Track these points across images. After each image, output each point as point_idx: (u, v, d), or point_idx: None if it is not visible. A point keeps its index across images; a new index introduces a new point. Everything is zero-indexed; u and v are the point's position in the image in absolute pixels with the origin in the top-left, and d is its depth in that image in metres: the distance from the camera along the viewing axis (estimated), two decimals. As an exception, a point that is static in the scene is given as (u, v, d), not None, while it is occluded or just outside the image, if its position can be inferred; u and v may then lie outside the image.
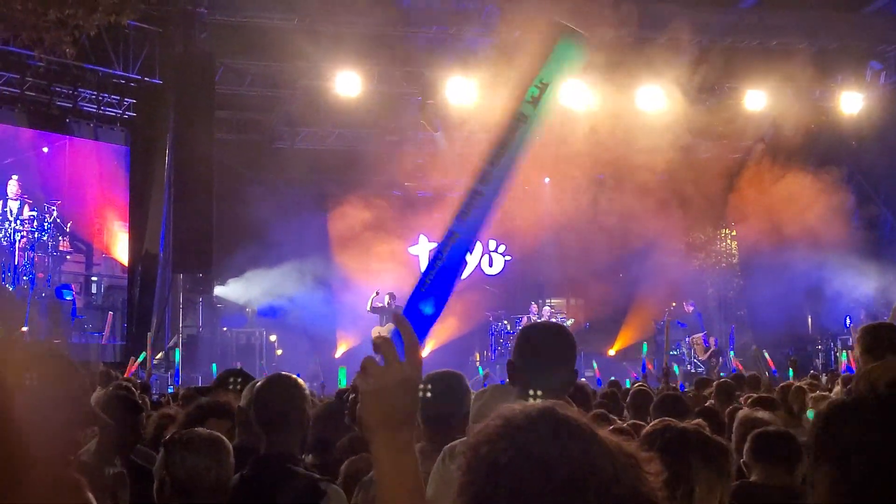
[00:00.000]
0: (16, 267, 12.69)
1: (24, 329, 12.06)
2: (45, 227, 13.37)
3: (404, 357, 1.96)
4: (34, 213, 13.11)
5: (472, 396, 4.26)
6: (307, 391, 4.55)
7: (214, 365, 16.07)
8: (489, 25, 21.21)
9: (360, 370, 1.97)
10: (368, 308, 21.64)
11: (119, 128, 21.06)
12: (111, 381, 9.49)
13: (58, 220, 13.45)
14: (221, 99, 20.88)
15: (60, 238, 13.41)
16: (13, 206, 12.82)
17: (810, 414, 6.13)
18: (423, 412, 4.22)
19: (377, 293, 21.68)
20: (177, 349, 15.51)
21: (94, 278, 13.54)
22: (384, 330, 22.50)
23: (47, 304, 12.68)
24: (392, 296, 21.58)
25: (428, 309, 2.09)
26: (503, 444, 1.73)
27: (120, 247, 13.47)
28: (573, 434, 1.72)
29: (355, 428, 5.55)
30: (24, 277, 12.96)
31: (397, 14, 19.50)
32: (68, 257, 13.28)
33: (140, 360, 11.90)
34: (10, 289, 12.69)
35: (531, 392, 2.39)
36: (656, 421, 3.21)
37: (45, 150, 13.26)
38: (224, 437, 3.82)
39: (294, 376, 4.62)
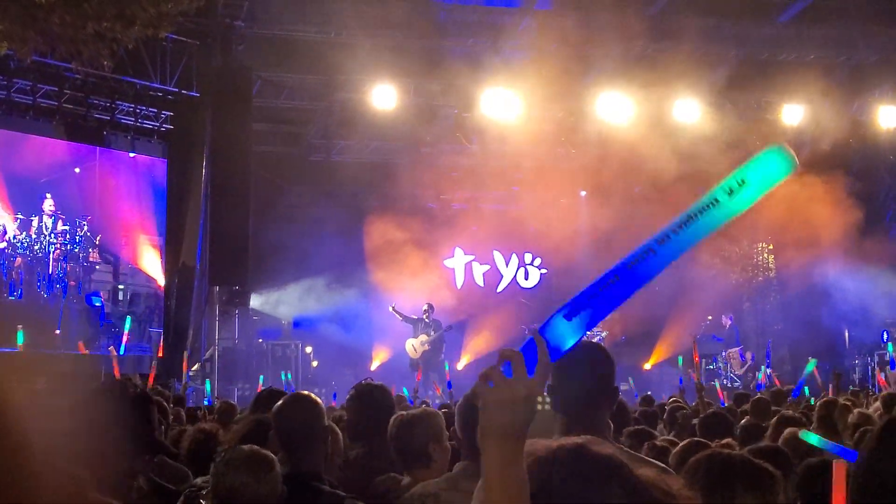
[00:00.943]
0: (50, 276, 13.87)
1: (58, 332, 12.94)
2: (77, 240, 14.57)
3: (533, 373, 1.97)
4: (66, 228, 14.32)
5: None
6: (324, 408, 4.56)
7: (262, 377, 16.17)
8: (526, 38, 21.22)
9: (482, 379, 1.98)
10: (398, 316, 21.65)
11: (156, 140, 21.22)
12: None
13: (88, 234, 14.60)
14: (258, 111, 21.00)
15: (90, 250, 14.56)
16: (48, 221, 14.29)
17: None
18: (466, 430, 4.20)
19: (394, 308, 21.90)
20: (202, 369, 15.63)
21: (120, 286, 14.67)
22: (417, 342, 22.46)
23: (78, 310, 13.61)
24: (430, 307, 21.63)
25: (569, 334, 2.09)
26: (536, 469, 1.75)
27: (146, 258, 14.29)
28: (600, 474, 1.72)
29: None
30: (57, 286, 14.11)
31: (433, 26, 19.55)
32: (98, 267, 14.42)
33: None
34: (45, 296, 13.45)
35: (538, 399, 2.33)
36: (699, 445, 3.16)
37: (77, 170, 14.40)
38: (270, 455, 3.80)
39: (312, 395, 4.62)
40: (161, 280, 15.38)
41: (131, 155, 16.13)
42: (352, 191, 23.07)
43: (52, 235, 14.45)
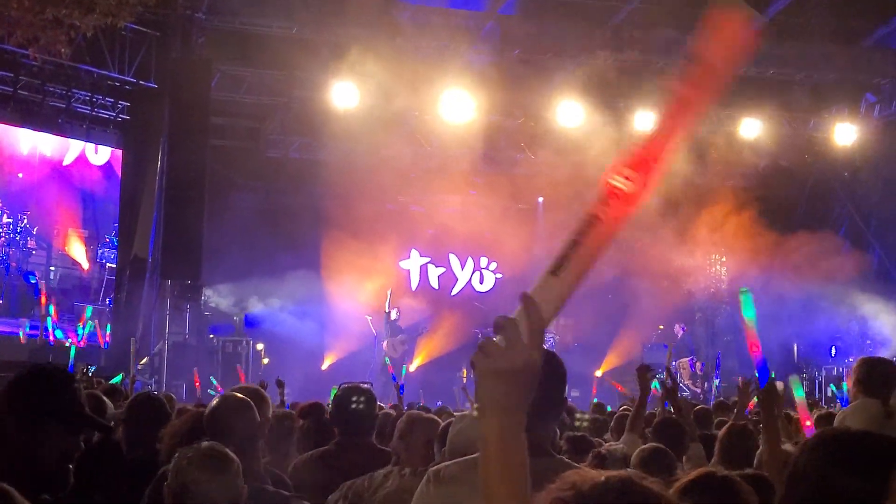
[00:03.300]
0: None
1: (0, 301, 16.04)
2: (18, 230, 16.97)
3: (527, 339, 1.89)
4: (10, 220, 16.71)
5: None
6: (254, 408, 4.54)
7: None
8: (488, 42, 21.23)
9: (479, 350, 1.89)
10: (372, 329, 21.98)
11: (112, 130, 20.99)
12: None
13: (27, 226, 17.01)
14: (216, 105, 20.83)
15: (28, 238, 17.03)
16: None
17: None
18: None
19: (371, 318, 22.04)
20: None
21: (52, 268, 17.26)
22: (397, 341, 22.57)
23: (17, 285, 16.53)
24: (398, 311, 21.91)
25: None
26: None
27: (73, 246, 17.13)
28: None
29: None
30: (1, 266, 16.74)
31: (396, 27, 19.50)
32: (34, 252, 17.00)
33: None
34: None
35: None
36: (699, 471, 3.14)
37: (20, 175, 16.78)
38: (230, 453, 3.73)
39: (242, 396, 4.61)
40: (85, 265, 17.56)
41: (64, 164, 17.81)
42: (308, 189, 22.96)
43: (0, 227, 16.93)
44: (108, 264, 18.29)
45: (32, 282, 16.36)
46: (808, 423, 5.16)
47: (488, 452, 1.86)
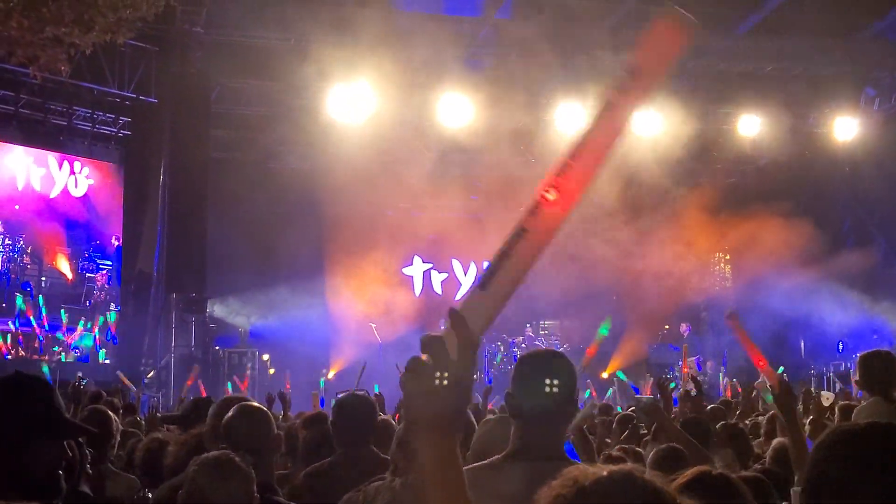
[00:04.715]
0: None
1: (4, 305, 18.89)
2: (16, 249, 19.63)
3: (456, 356, 1.84)
4: (10, 242, 19.46)
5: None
6: (272, 417, 4.54)
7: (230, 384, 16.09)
8: (485, 47, 21.27)
9: (407, 370, 1.84)
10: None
11: (114, 146, 21.07)
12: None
13: (22, 245, 19.68)
14: (217, 118, 20.89)
15: (24, 255, 19.78)
16: None
17: None
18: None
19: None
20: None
21: (43, 278, 20.04)
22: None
23: (17, 293, 19.28)
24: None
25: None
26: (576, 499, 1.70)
27: (59, 261, 20.00)
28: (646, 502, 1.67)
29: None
30: (3, 277, 19.44)
31: (393, 33, 19.51)
32: (28, 266, 19.88)
33: None
34: None
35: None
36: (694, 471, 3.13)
37: (17, 207, 19.51)
38: (241, 461, 3.74)
39: (259, 405, 4.61)
40: (69, 276, 20.23)
41: (51, 196, 19.88)
42: (310, 198, 22.95)
43: (2, 247, 19.64)
44: (87, 274, 20.56)
45: (28, 289, 19.32)
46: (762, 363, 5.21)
47: (426, 473, 1.83)
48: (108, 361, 20.50)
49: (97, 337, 20.56)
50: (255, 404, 4.66)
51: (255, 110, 21.91)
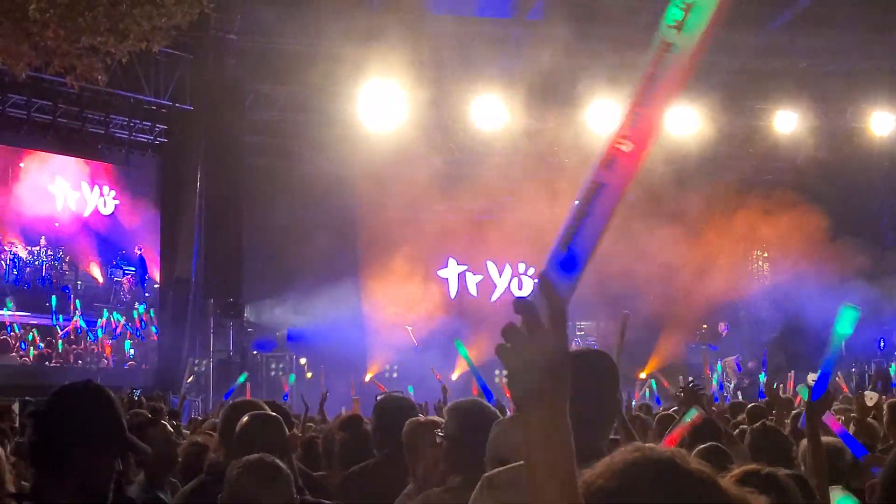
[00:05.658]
0: (43, 277, 21.19)
1: (48, 304, 20.44)
2: (57, 258, 21.51)
3: (548, 321, 1.77)
4: (52, 253, 21.24)
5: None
6: (282, 422, 4.59)
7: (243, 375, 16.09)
8: (517, 48, 21.25)
9: (503, 338, 1.77)
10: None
11: (151, 154, 21.27)
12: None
13: (62, 255, 21.48)
14: (250, 124, 21.02)
15: (64, 264, 21.67)
16: (42, 251, 21.11)
17: None
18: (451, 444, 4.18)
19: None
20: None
21: (79, 282, 21.78)
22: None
23: (57, 295, 20.93)
24: None
25: (573, 262, 1.88)
26: (615, 482, 1.70)
27: (91, 267, 21.81)
28: (693, 490, 1.66)
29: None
30: (47, 282, 21.34)
31: (424, 37, 19.56)
32: (67, 272, 21.73)
33: None
34: (40, 286, 20.97)
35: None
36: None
37: (57, 224, 21.25)
38: (279, 462, 3.78)
39: (270, 411, 4.66)
40: (100, 280, 21.75)
41: (84, 215, 21.28)
42: (344, 202, 23.02)
43: (45, 257, 21.08)
44: (115, 279, 22.10)
45: (66, 290, 21.12)
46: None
47: (532, 447, 1.74)
48: (132, 352, 21.44)
49: (127, 332, 21.58)
50: (267, 411, 4.70)
51: (287, 115, 22.02)
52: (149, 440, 5.30)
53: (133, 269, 22.49)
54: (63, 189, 21.53)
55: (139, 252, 22.49)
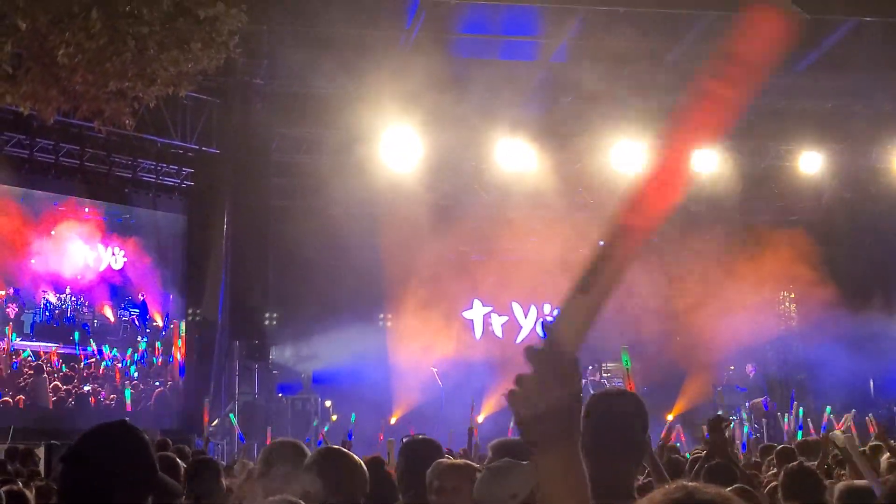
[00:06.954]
0: (67, 318, 22.05)
1: (72, 338, 21.46)
2: (78, 303, 22.52)
3: (558, 371, 1.82)
4: (74, 299, 22.31)
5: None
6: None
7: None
8: (541, 91, 21.34)
9: (516, 386, 1.82)
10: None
11: (178, 197, 21.42)
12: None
13: (83, 300, 22.42)
14: (276, 166, 21.16)
15: (84, 307, 22.63)
16: (67, 297, 22.10)
17: None
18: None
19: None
20: (231, 414, 17.85)
21: (95, 321, 22.70)
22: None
23: (79, 332, 21.82)
24: None
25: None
26: None
27: (105, 309, 22.74)
28: None
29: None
30: (71, 322, 22.24)
31: (450, 79, 19.67)
32: (85, 313, 22.84)
33: None
34: (66, 324, 21.78)
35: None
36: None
37: (79, 277, 22.11)
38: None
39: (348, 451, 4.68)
40: (112, 320, 22.48)
41: (100, 270, 22.01)
42: (370, 242, 23.06)
43: (70, 301, 21.73)
44: (123, 319, 22.84)
45: (86, 328, 21.86)
46: None
47: (547, 489, 1.78)
48: (136, 375, 21.91)
49: (136, 362, 22.42)
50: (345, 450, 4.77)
51: (314, 157, 22.16)
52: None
53: (137, 310, 23.44)
54: (82, 250, 22.63)
55: (142, 297, 23.47)
